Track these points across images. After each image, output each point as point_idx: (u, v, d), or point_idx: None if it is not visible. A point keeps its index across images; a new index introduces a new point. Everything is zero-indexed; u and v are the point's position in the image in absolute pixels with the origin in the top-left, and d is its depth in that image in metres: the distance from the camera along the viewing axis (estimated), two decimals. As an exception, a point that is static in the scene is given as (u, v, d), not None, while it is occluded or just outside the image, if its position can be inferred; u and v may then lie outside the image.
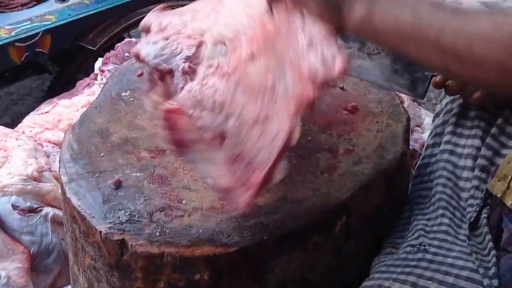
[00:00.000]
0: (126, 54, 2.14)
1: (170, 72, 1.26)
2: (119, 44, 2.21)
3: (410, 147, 1.96)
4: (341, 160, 1.36)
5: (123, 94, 1.54)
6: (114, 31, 2.51)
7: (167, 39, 1.28)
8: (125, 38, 2.57)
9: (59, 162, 1.39)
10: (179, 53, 1.25)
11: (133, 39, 2.25)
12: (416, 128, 2.18)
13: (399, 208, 1.40)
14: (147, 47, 1.29)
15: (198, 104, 1.19)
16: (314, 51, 1.09)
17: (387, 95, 1.52)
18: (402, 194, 1.44)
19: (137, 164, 1.35)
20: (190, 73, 1.24)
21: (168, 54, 1.26)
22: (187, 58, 1.24)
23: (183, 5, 2.60)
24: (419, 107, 2.35)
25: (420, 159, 1.44)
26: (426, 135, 2.05)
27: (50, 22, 2.35)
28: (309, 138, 1.41)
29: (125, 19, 2.54)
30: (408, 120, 1.48)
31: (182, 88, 1.24)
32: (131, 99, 1.53)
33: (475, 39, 0.94)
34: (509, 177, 1.17)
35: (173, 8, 2.61)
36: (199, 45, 1.25)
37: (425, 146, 1.45)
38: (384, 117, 1.47)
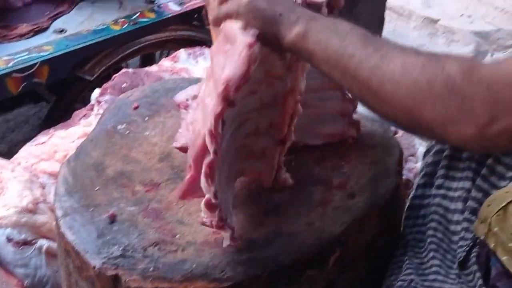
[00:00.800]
0: (123, 85, 2.16)
1: (179, 106, 1.42)
2: (116, 75, 2.22)
3: (404, 176, 1.97)
4: (335, 193, 1.37)
5: (119, 127, 1.55)
6: (111, 61, 2.53)
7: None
8: (122, 68, 2.59)
9: (54, 196, 1.40)
10: (190, 93, 1.41)
11: (130, 70, 2.26)
12: (410, 157, 2.18)
13: (393, 241, 1.40)
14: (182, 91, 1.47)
15: (185, 126, 1.34)
16: (230, 60, 1.12)
17: (380, 128, 1.54)
18: (396, 227, 1.44)
19: (131, 198, 1.35)
20: (184, 107, 1.36)
21: (185, 93, 1.42)
22: (194, 96, 1.36)
23: (180, 38, 2.66)
24: (413, 136, 2.35)
25: (410, 198, 1.45)
26: (419, 164, 2.06)
27: (47, 53, 2.36)
28: (303, 171, 1.42)
29: (122, 49, 2.56)
30: (401, 152, 1.49)
31: (182, 119, 1.38)
32: (127, 132, 1.54)
33: (386, 79, 0.98)
34: (489, 220, 1.18)
35: (170, 40, 2.65)
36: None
37: (415, 184, 1.46)
38: (377, 149, 1.48)
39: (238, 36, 1.12)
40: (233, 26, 1.14)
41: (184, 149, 1.34)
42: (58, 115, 2.63)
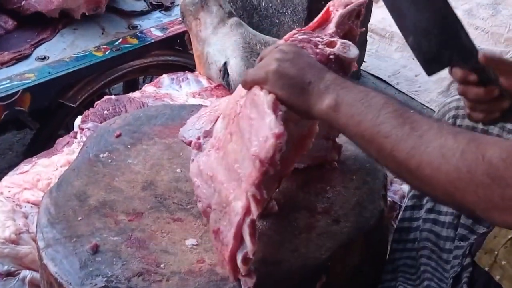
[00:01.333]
0: (105, 111, 2.15)
1: (189, 144, 1.35)
2: (98, 101, 2.21)
3: (390, 199, 1.97)
4: (320, 219, 1.36)
5: (101, 155, 1.54)
6: (94, 87, 2.51)
7: (202, 114, 1.38)
8: (106, 94, 2.58)
9: (36, 227, 1.38)
10: (200, 128, 1.35)
11: (113, 96, 2.25)
12: (395, 179, 2.19)
13: (378, 266, 1.40)
14: (186, 125, 1.41)
15: (200, 174, 1.28)
16: (255, 132, 1.12)
17: (363, 152, 1.53)
18: (381, 252, 1.44)
19: (114, 228, 1.34)
20: (197, 148, 1.32)
21: (193, 129, 1.37)
22: (205, 133, 1.33)
23: (163, 63, 2.66)
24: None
25: (399, 220, 1.45)
26: (405, 186, 2.06)
27: (29, 81, 2.34)
28: (287, 197, 1.42)
29: (105, 76, 2.54)
30: (385, 176, 1.49)
31: (192, 160, 1.33)
32: (109, 160, 1.53)
33: (425, 164, 0.96)
34: (496, 252, 1.18)
35: (153, 65, 2.65)
36: (216, 120, 1.32)
37: (403, 206, 1.46)
38: (361, 174, 1.48)
39: (267, 116, 1.10)
40: (261, 97, 1.13)
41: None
42: (42, 142, 2.60)
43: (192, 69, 2.55)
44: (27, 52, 2.48)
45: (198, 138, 1.32)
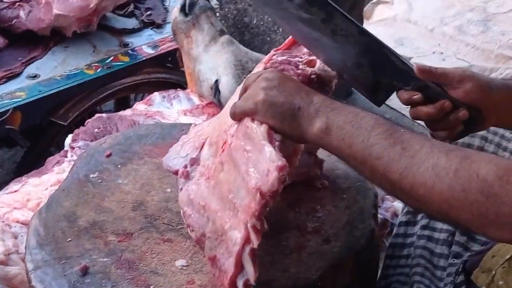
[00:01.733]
0: (96, 130, 2.14)
1: (176, 173, 1.34)
2: (89, 120, 2.21)
3: (382, 216, 1.97)
4: (310, 238, 1.36)
5: (91, 175, 1.53)
6: (86, 105, 2.51)
7: (185, 141, 1.37)
8: (97, 112, 2.58)
9: (25, 248, 1.37)
10: (186, 155, 1.34)
11: (104, 115, 2.24)
12: (387, 196, 2.19)
13: (369, 285, 1.40)
14: (170, 153, 1.40)
15: (191, 203, 1.27)
16: (253, 165, 1.12)
17: (354, 171, 1.53)
18: (372, 272, 1.44)
19: (104, 249, 1.33)
20: (185, 177, 1.31)
21: (178, 157, 1.35)
22: (192, 160, 1.31)
23: (154, 81, 2.66)
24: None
25: (393, 235, 1.44)
26: (396, 203, 2.06)
27: (20, 99, 2.34)
28: (277, 216, 1.41)
29: (96, 94, 2.54)
30: (376, 195, 1.49)
31: (181, 189, 1.32)
32: (99, 180, 1.52)
33: (418, 184, 0.97)
34: (493, 272, 1.18)
35: (145, 83, 2.65)
36: (202, 147, 1.31)
37: (398, 222, 1.46)
38: (352, 192, 1.48)
39: (265, 149, 1.10)
40: (254, 129, 1.13)
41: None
42: (33, 160, 2.60)
43: (183, 86, 2.55)
44: (18, 70, 2.48)
45: (185, 167, 1.32)
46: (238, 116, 1.17)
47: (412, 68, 1.19)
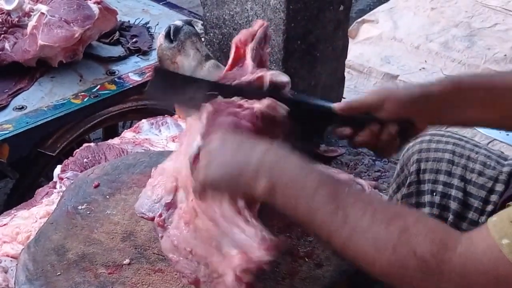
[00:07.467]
0: (85, 159, 2.13)
1: (152, 220, 1.30)
2: (77, 150, 2.19)
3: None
4: (302, 263, 1.35)
5: (79, 207, 1.52)
6: (73, 135, 2.49)
7: (154, 185, 1.34)
8: (85, 141, 2.57)
9: (14, 284, 1.36)
10: (160, 200, 1.30)
11: (92, 144, 2.23)
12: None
13: (364, 308, 1.38)
14: (141, 198, 1.35)
15: (176, 250, 1.24)
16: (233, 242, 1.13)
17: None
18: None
19: (94, 282, 1.31)
20: (161, 226, 1.28)
21: (151, 201, 1.32)
22: (168, 205, 1.29)
23: (142, 108, 2.65)
24: (381, 193, 2.35)
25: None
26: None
27: (7, 132, 2.32)
28: (269, 242, 1.40)
29: (84, 123, 2.53)
30: (367, 216, 1.48)
31: (162, 237, 1.28)
32: (88, 212, 1.51)
33: (360, 256, 1.00)
34: None
35: (132, 110, 2.64)
36: (176, 190, 1.29)
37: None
38: (343, 215, 1.47)
39: (244, 227, 1.11)
40: (218, 209, 1.14)
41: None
42: (22, 192, 2.58)
43: (171, 112, 2.54)
44: (4, 102, 2.46)
45: (160, 215, 1.28)
46: (201, 199, 1.17)
47: (331, 107, 1.26)
